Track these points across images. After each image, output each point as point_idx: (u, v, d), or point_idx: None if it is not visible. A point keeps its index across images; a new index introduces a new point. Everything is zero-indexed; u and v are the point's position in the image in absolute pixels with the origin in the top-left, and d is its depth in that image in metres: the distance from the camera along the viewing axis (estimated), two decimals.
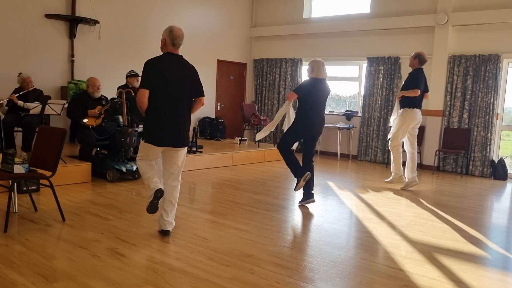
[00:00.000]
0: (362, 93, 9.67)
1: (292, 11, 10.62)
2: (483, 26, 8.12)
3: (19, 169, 3.98)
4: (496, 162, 8.06)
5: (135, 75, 6.96)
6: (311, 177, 5.20)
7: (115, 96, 6.62)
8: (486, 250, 4.01)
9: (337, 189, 6.44)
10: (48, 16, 7.52)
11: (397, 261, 3.60)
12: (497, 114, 8.09)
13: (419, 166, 8.44)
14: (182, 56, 3.87)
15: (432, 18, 8.47)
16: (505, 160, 8.03)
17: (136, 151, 5.10)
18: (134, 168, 6.07)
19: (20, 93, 6.17)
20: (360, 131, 9.58)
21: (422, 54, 6.36)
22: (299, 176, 5.18)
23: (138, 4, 8.83)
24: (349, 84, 10.32)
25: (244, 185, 6.42)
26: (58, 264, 3.19)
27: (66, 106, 6.30)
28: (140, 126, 6.23)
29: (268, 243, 3.87)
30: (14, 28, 7.21)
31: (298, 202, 5.34)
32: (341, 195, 6.05)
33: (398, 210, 5.34)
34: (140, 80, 3.81)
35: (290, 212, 5.10)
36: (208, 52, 10.30)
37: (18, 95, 6.13)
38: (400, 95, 6.38)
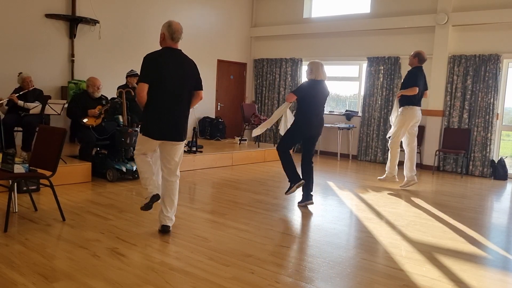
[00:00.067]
0: (362, 93, 9.67)
1: (292, 11, 10.62)
2: (483, 26, 8.12)
3: (19, 169, 3.97)
4: (496, 162, 8.06)
5: (135, 75, 6.95)
6: (310, 179, 5.22)
7: (115, 96, 6.63)
8: (486, 250, 4.01)
9: (337, 189, 6.44)
10: (48, 16, 7.53)
11: (397, 261, 3.60)
12: (497, 114, 8.09)
13: (419, 166, 8.46)
14: (181, 50, 3.86)
15: (432, 18, 8.47)
16: (505, 160, 8.03)
17: None
18: (134, 168, 6.06)
19: (20, 92, 6.17)
20: (360, 131, 9.59)
21: (422, 53, 6.37)
22: (294, 182, 5.24)
23: (138, 4, 8.84)
24: (349, 84, 10.32)
25: (244, 185, 6.42)
26: (58, 263, 3.19)
27: (66, 106, 6.30)
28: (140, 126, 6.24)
29: (268, 243, 3.87)
30: (14, 28, 7.21)
31: (298, 202, 5.34)
32: (341, 195, 6.05)
33: (398, 210, 5.34)
34: (139, 74, 3.80)
35: (290, 212, 5.10)
36: (208, 52, 10.30)
37: (18, 94, 6.13)
38: (399, 94, 6.39)
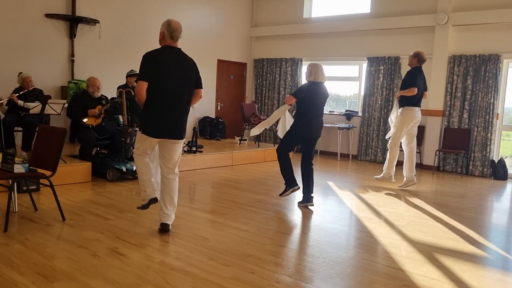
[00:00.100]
0: (362, 93, 9.67)
1: (292, 11, 10.62)
2: (483, 26, 8.12)
3: (19, 168, 3.97)
4: (496, 162, 8.06)
5: (135, 75, 6.94)
6: (310, 182, 5.22)
7: (115, 96, 6.63)
8: (486, 250, 4.01)
9: (337, 189, 6.44)
10: (48, 15, 7.52)
11: (397, 261, 3.60)
12: (497, 114, 8.09)
13: (419, 166, 8.47)
14: (180, 49, 3.87)
15: (432, 18, 8.47)
16: (505, 160, 8.03)
17: None
18: (134, 168, 6.05)
19: (20, 92, 6.17)
20: (360, 131, 9.59)
21: (421, 53, 6.37)
22: (290, 186, 5.30)
23: (138, 4, 8.83)
24: (349, 84, 10.32)
25: (244, 184, 6.42)
26: (58, 263, 3.19)
27: (66, 105, 6.30)
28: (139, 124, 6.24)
29: (268, 243, 3.87)
30: (14, 27, 7.21)
31: (298, 202, 5.34)
32: (341, 195, 6.05)
33: (398, 210, 5.34)
34: (139, 72, 3.79)
35: (290, 212, 5.10)
36: (208, 52, 10.30)
37: (18, 94, 6.13)
38: (398, 95, 6.40)
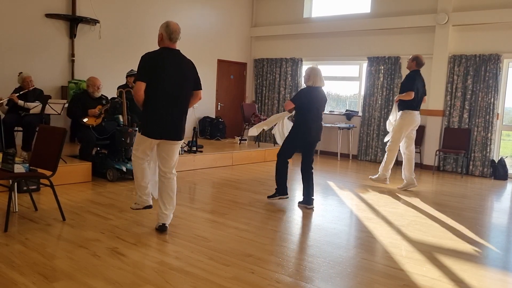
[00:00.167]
0: (363, 92, 9.68)
1: (292, 11, 10.62)
2: (484, 26, 8.11)
3: (19, 168, 3.97)
4: (496, 162, 8.06)
5: (135, 75, 6.94)
6: (309, 186, 5.22)
7: (115, 96, 6.63)
8: (487, 250, 4.01)
9: (337, 189, 6.44)
10: (48, 15, 7.52)
11: (397, 261, 3.60)
12: (497, 114, 8.09)
13: (419, 166, 8.47)
14: (179, 50, 3.87)
15: (432, 18, 8.46)
16: (505, 160, 8.03)
17: None
18: None
19: (21, 92, 6.17)
20: (361, 131, 9.59)
21: (420, 57, 6.36)
22: (279, 193, 5.35)
23: (138, 4, 8.83)
24: (349, 84, 10.32)
25: (244, 184, 6.42)
26: (58, 263, 3.19)
27: (66, 105, 6.30)
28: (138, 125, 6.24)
29: (268, 243, 3.87)
30: (14, 27, 7.21)
31: (298, 202, 5.34)
32: (341, 195, 6.05)
33: (398, 210, 5.34)
34: (137, 73, 3.80)
35: (290, 211, 5.10)
36: (208, 52, 10.30)
37: (18, 94, 6.12)
38: (397, 98, 6.41)
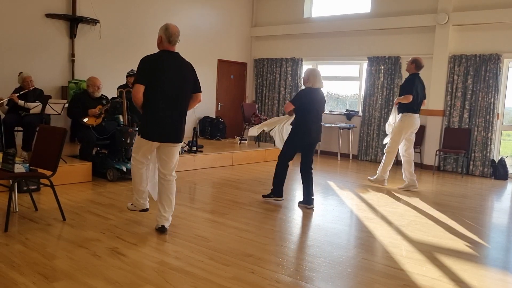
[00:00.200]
0: (363, 92, 9.68)
1: (292, 11, 10.62)
2: (484, 26, 8.11)
3: (19, 168, 3.97)
4: (496, 162, 8.06)
5: (135, 75, 6.95)
6: (309, 187, 5.22)
7: (115, 96, 6.63)
8: (487, 250, 4.01)
9: (337, 188, 6.44)
10: (48, 15, 7.52)
11: (397, 260, 3.60)
12: (497, 114, 8.09)
13: (419, 166, 8.47)
14: (178, 53, 3.87)
15: (432, 17, 8.46)
16: (505, 160, 8.02)
17: None
18: None
19: (21, 92, 6.17)
20: (361, 131, 9.58)
21: (419, 59, 6.35)
22: (275, 194, 5.36)
23: (138, 4, 8.83)
24: (349, 83, 10.32)
25: (244, 184, 6.42)
26: (59, 263, 3.19)
27: (67, 105, 6.30)
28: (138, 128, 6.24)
29: (268, 243, 3.87)
30: (15, 27, 7.21)
31: (298, 202, 5.34)
32: (341, 194, 6.05)
33: (398, 210, 5.34)
34: (135, 75, 3.81)
35: (290, 211, 5.10)
36: (208, 52, 10.30)
37: (18, 94, 6.12)
38: (396, 101, 6.41)
